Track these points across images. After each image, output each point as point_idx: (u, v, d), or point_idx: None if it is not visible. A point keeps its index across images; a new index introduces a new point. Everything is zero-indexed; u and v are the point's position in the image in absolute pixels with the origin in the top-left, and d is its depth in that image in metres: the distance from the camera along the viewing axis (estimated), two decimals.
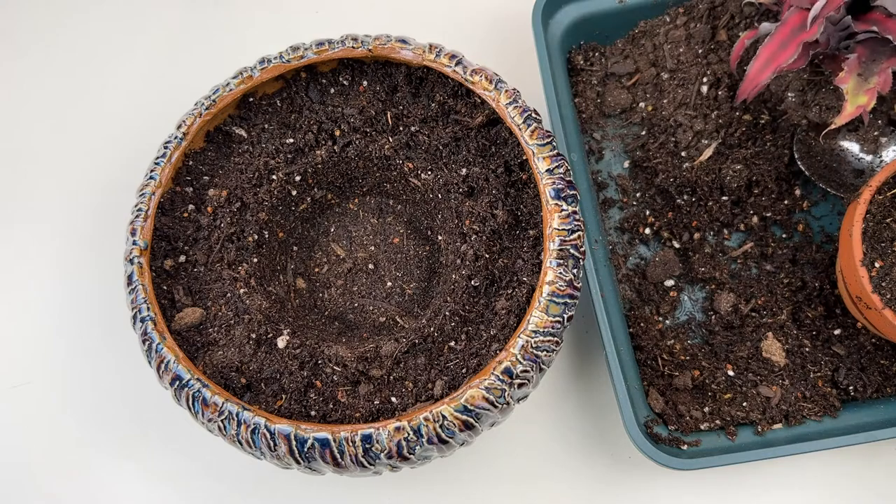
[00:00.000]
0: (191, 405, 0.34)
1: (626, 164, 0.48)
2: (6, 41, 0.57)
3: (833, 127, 0.40)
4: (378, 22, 0.50)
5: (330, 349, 0.38)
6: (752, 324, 0.43)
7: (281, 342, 0.38)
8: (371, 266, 0.43)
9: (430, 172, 0.42)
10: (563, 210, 0.36)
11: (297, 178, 0.43)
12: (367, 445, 0.32)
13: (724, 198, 0.46)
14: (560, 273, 0.35)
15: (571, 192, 0.37)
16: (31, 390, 0.46)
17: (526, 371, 0.33)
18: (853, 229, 0.37)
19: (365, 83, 0.44)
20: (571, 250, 0.35)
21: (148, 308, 0.36)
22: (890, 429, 0.39)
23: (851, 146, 0.44)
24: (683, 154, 0.46)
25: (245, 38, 0.55)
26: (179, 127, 0.41)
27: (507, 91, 0.39)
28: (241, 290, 0.40)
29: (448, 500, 0.43)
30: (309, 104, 0.44)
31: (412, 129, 0.43)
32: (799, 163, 0.46)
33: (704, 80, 0.47)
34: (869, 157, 0.44)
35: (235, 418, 0.33)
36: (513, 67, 0.48)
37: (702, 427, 0.41)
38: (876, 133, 0.43)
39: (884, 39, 0.39)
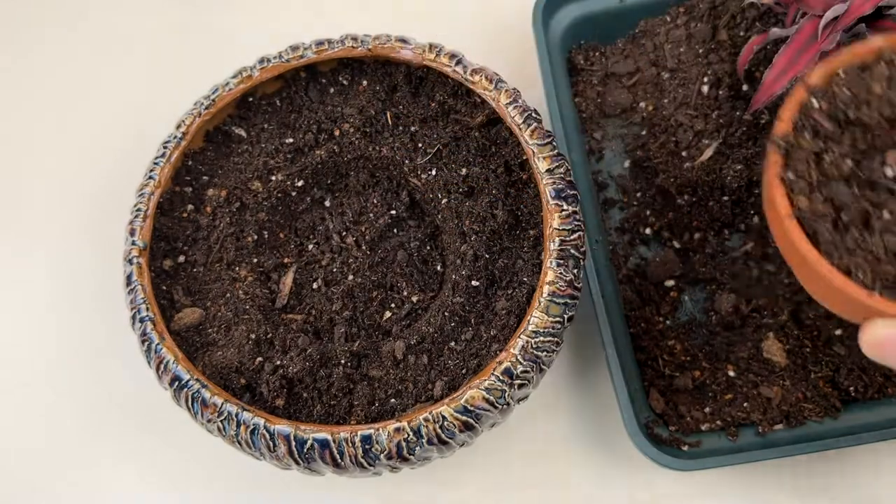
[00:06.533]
0: (190, 406, 0.34)
1: (627, 164, 0.48)
2: (5, 40, 0.57)
3: None
4: (378, 22, 0.50)
5: (328, 349, 0.38)
6: (752, 324, 0.43)
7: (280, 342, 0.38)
8: (371, 266, 0.43)
9: (429, 172, 0.42)
10: (563, 210, 0.36)
11: (297, 178, 0.43)
12: (367, 446, 0.32)
13: (725, 198, 0.46)
14: (560, 273, 0.35)
15: (572, 192, 0.37)
16: (29, 390, 0.46)
17: (526, 372, 0.33)
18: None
19: (364, 83, 0.43)
20: (572, 250, 0.35)
21: (147, 308, 0.36)
22: (891, 429, 0.39)
23: None
24: (684, 154, 0.46)
25: (245, 38, 0.55)
26: (179, 127, 0.41)
27: (507, 91, 0.39)
28: (241, 291, 0.40)
29: (448, 500, 0.43)
30: (308, 104, 0.44)
31: (412, 128, 0.43)
32: None
33: (705, 79, 0.47)
34: None
35: (235, 419, 0.33)
36: (513, 67, 0.48)
37: (702, 428, 0.40)
38: None
39: None
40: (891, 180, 0.27)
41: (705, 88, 0.47)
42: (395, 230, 0.44)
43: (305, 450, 0.32)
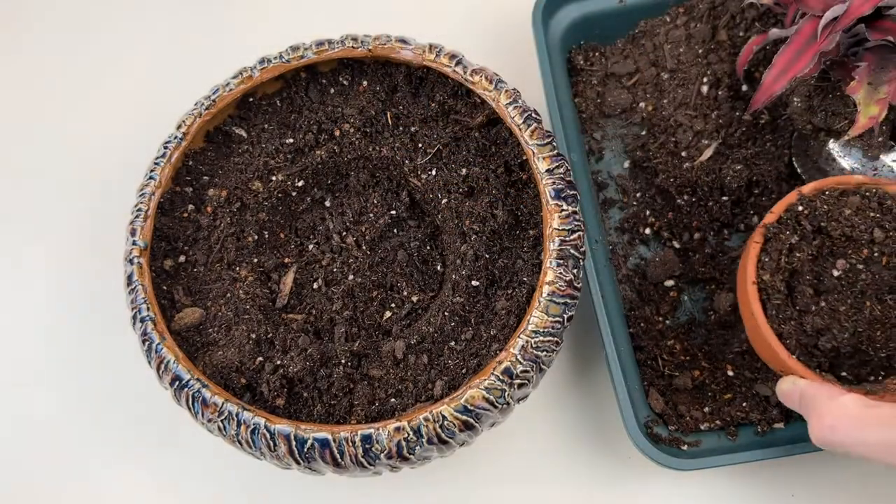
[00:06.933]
0: (190, 405, 0.34)
1: (626, 164, 0.48)
2: (6, 40, 0.57)
3: (846, 138, 0.41)
4: (378, 22, 0.50)
5: (329, 349, 0.38)
6: None
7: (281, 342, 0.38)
8: (371, 266, 0.43)
9: (430, 172, 0.42)
10: (563, 210, 0.36)
11: (297, 178, 0.43)
12: (367, 446, 0.32)
13: (725, 198, 0.46)
14: (560, 273, 0.35)
15: (571, 192, 0.37)
16: (30, 390, 0.46)
17: (526, 371, 0.33)
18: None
19: (365, 83, 0.43)
20: (571, 250, 0.35)
21: (147, 308, 0.36)
22: None
23: (840, 150, 0.44)
24: (683, 154, 0.46)
25: (245, 38, 0.55)
26: (179, 127, 0.41)
27: (507, 91, 0.39)
28: (241, 291, 0.40)
29: (448, 500, 0.43)
30: (309, 104, 0.44)
31: (412, 129, 0.43)
32: (794, 161, 0.46)
33: (704, 80, 0.47)
34: (854, 164, 0.44)
35: (235, 418, 0.33)
36: (513, 67, 0.48)
37: (702, 427, 0.41)
38: (881, 139, 0.43)
39: (894, 47, 0.39)
40: (834, 279, 0.35)
41: (705, 89, 0.47)
42: (395, 230, 0.44)
43: (306, 449, 0.32)
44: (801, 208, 0.37)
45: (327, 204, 0.45)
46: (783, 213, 0.37)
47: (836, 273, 0.36)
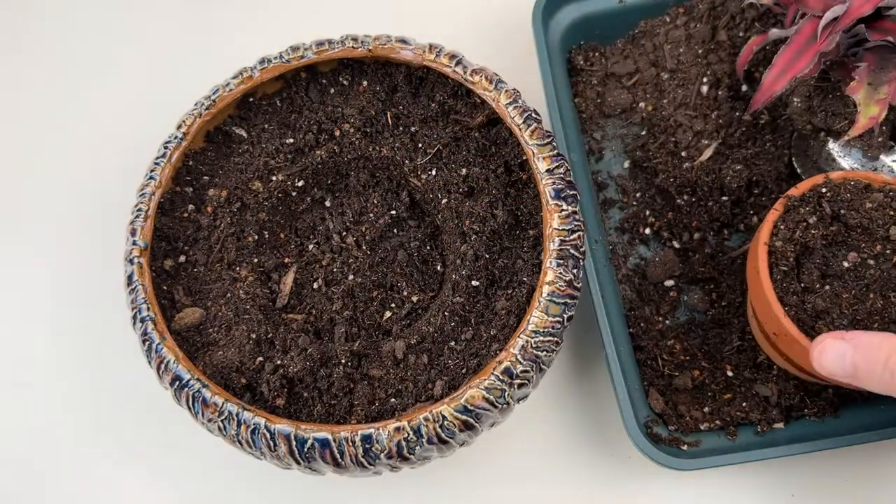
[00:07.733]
0: (191, 405, 0.34)
1: (626, 164, 0.48)
2: (6, 41, 0.57)
3: (846, 138, 0.41)
4: (378, 22, 0.50)
5: (329, 349, 0.38)
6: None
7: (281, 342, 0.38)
8: (371, 266, 0.43)
9: (430, 172, 0.42)
10: (563, 210, 0.36)
11: (297, 178, 0.43)
12: (367, 446, 0.32)
13: (724, 198, 0.46)
14: (560, 273, 0.35)
15: (571, 192, 0.37)
16: (30, 391, 0.46)
17: (526, 371, 0.33)
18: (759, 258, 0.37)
19: (365, 83, 0.44)
20: (571, 250, 0.35)
21: (148, 308, 0.36)
22: (891, 429, 0.39)
23: (840, 150, 0.44)
24: (683, 154, 0.46)
25: (245, 38, 0.55)
26: (179, 127, 0.41)
27: (507, 91, 0.39)
28: (241, 291, 0.40)
29: (448, 500, 0.43)
30: (309, 104, 0.44)
31: (412, 129, 0.43)
32: (794, 161, 0.46)
33: (704, 80, 0.47)
34: (854, 164, 0.44)
35: (235, 418, 0.33)
36: (513, 67, 0.48)
37: (702, 427, 0.41)
38: (881, 139, 0.43)
39: (894, 47, 0.39)
40: (844, 270, 0.36)
41: (705, 89, 0.47)
42: (395, 230, 0.44)
43: (306, 449, 0.32)
44: (824, 190, 0.37)
45: (327, 204, 0.45)
46: (807, 190, 0.38)
47: (846, 265, 0.36)
